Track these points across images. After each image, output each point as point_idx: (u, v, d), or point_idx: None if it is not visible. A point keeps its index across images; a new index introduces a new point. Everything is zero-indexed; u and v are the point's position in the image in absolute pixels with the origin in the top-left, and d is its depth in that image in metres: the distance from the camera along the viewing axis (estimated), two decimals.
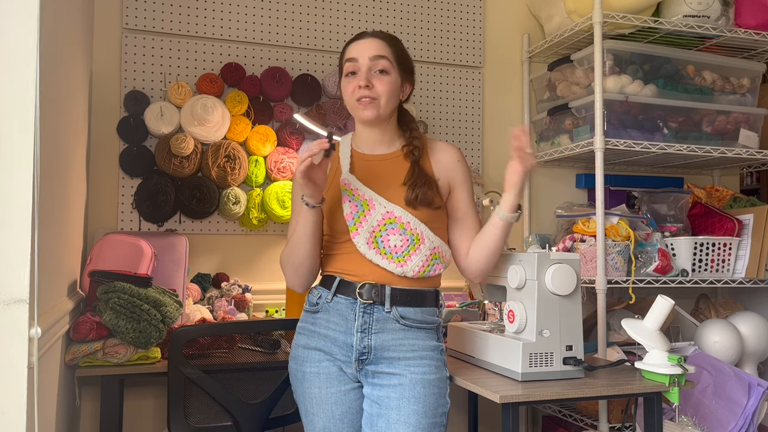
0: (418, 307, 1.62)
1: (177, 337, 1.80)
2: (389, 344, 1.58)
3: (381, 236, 1.60)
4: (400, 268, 1.60)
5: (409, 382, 1.56)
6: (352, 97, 1.63)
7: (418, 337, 1.61)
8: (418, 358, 1.59)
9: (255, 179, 2.53)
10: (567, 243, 2.56)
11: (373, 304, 1.59)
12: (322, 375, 1.62)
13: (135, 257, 2.10)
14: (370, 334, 1.58)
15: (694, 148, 2.58)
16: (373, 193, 1.63)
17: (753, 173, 4.51)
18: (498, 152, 2.95)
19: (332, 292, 1.63)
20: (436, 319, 1.66)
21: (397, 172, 1.67)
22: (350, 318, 1.60)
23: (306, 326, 1.67)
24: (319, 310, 1.65)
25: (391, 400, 1.55)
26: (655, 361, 1.73)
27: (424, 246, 1.61)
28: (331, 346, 1.61)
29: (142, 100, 2.43)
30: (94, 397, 2.29)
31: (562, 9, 2.71)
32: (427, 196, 1.62)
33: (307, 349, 1.64)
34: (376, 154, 1.71)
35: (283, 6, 2.66)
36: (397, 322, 1.59)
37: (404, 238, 1.60)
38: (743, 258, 2.66)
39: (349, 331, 1.59)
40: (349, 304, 1.60)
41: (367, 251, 1.60)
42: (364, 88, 1.61)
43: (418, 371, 1.58)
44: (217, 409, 1.87)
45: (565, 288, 1.69)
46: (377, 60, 1.63)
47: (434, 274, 1.65)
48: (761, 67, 2.82)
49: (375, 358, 1.59)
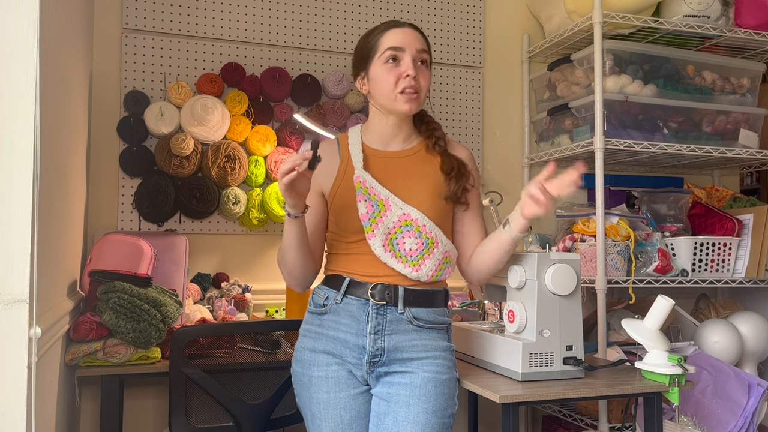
0: (430, 308, 1.59)
1: (178, 338, 1.80)
2: (403, 345, 1.55)
3: (396, 239, 1.56)
4: (415, 273, 1.56)
5: (420, 380, 1.52)
6: (396, 87, 1.56)
7: (431, 338, 1.58)
8: (431, 358, 1.56)
9: (255, 179, 2.53)
10: (567, 243, 2.56)
11: (386, 305, 1.55)
12: (331, 379, 1.56)
13: (135, 257, 2.09)
14: (383, 335, 1.54)
15: (694, 148, 2.58)
16: (390, 193, 1.57)
17: (753, 173, 4.51)
18: (498, 152, 2.95)
19: (342, 293, 1.57)
20: (446, 320, 1.64)
21: (415, 169, 1.62)
22: (362, 319, 1.55)
23: (312, 328, 1.61)
24: (327, 311, 1.59)
25: (401, 398, 1.51)
26: (655, 361, 1.73)
27: (437, 250, 1.58)
28: (341, 348, 1.56)
29: (142, 100, 2.43)
30: (94, 397, 2.29)
31: (562, 9, 2.71)
32: (467, 189, 1.62)
33: (314, 352, 1.58)
34: (390, 151, 1.65)
35: (283, 6, 2.66)
36: (410, 323, 1.56)
37: (419, 242, 1.56)
38: (743, 258, 2.66)
39: (361, 332, 1.55)
40: (360, 305, 1.56)
41: (382, 254, 1.56)
42: (413, 79, 1.55)
43: (431, 369, 1.54)
44: (218, 410, 1.87)
45: (565, 288, 1.69)
46: (422, 53, 1.59)
47: (445, 278, 1.63)
48: (761, 67, 2.82)
49: (388, 360, 1.55)
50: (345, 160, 1.63)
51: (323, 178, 1.62)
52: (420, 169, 1.63)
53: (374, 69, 1.59)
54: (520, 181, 2.96)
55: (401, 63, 1.56)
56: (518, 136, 2.99)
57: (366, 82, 1.63)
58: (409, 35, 1.58)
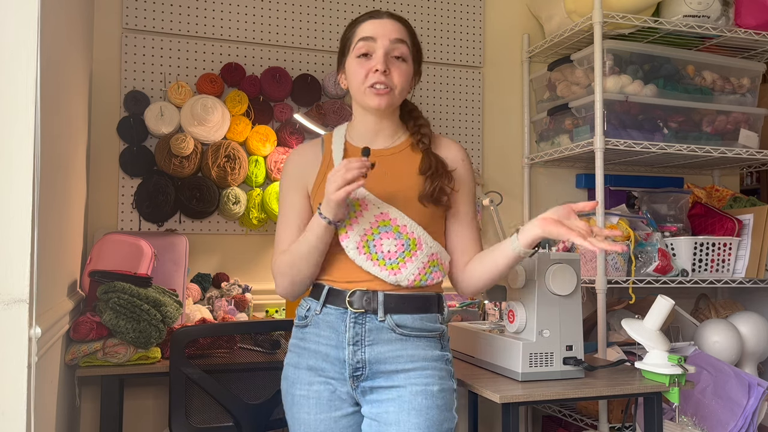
0: (417, 314, 1.45)
1: (178, 338, 1.80)
2: (385, 357, 1.42)
3: (373, 240, 1.43)
4: (393, 276, 1.43)
5: (408, 394, 1.41)
6: (365, 82, 1.46)
7: (418, 347, 1.44)
8: (419, 369, 1.43)
9: (255, 179, 2.53)
10: (567, 243, 2.56)
11: (365, 313, 1.43)
12: (312, 399, 1.45)
13: (135, 257, 2.09)
14: (363, 346, 1.42)
15: (694, 148, 2.58)
16: (366, 192, 1.45)
17: (753, 173, 4.51)
18: (498, 152, 2.95)
19: (321, 303, 1.46)
20: (438, 326, 1.48)
21: (399, 167, 1.51)
22: (341, 330, 1.44)
23: (296, 342, 1.51)
24: (308, 323, 1.48)
25: (390, 415, 1.40)
26: (655, 361, 1.73)
27: (421, 252, 1.45)
28: (323, 362, 1.45)
29: (142, 100, 2.43)
30: (94, 397, 2.29)
31: (562, 9, 2.71)
32: (444, 190, 1.48)
33: (297, 369, 1.48)
34: (375, 149, 1.52)
35: (283, 6, 2.66)
36: (393, 331, 1.43)
37: (399, 243, 1.44)
38: (743, 258, 2.66)
39: (340, 344, 1.43)
40: (339, 315, 1.44)
41: (356, 256, 1.43)
42: (382, 74, 1.45)
43: (419, 382, 1.42)
44: (218, 410, 1.87)
45: (565, 288, 1.69)
46: (397, 44, 1.47)
47: (432, 284, 1.49)
48: (761, 67, 2.82)
49: (371, 373, 1.43)
50: (326, 159, 1.55)
51: (306, 178, 1.55)
52: (405, 167, 1.52)
53: (349, 63, 1.51)
54: (520, 181, 2.96)
55: (372, 57, 1.47)
56: (518, 136, 2.99)
57: (344, 77, 1.56)
58: (385, 25, 1.48)
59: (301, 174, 1.55)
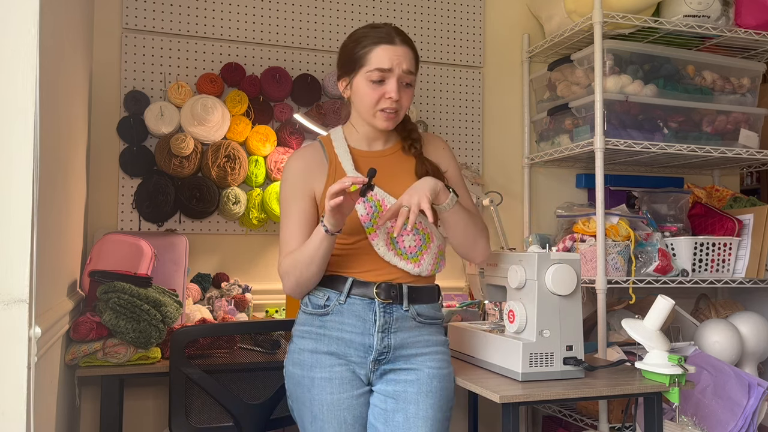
0: (430, 304, 1.65)
1: (178, 338, 1.80)
2: (408, 342, 1.60)
3: (396, 237, 1.59)
4: (417, 269, 1.61)
5: (426, 377, 1.58)
6: (376, 106, 1.59)
7: (431, 333, 1.64)
8: (432, 353, 1.62)
9: (255, 179, 2.52)
10: (567, 243, 2.56)
11: (391, 304, 1.59)
12: (335, 380, 1.57)
13: (135, 257, 2.09)
14: (389, 333, 1.58)
15: (694, 148, 2.58)
16: (385, 194, 1.61)
17: (753, 173, 4.51)
18: (498, 152, 2.95)
19: (346, 293, 1.59)
20: (441, 314, 1.70)
21: (400, 167, 1.66)
22: (368, 318, 1.58)
23: (312, 330, 1.61)
24: (330, 312, 1.60)
25: (409, 395, 1.57)
26: (655, 361, 1.73)
27: (433, 244, 1.64)
28: (345, 348, 1.58)
29: (142, 100, 2.43)
30: (94, 397, 2.29)
31: (562, 9, 2.71)
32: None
33: (316, 353, 1.59)
34: (374, 151, 1.68)
35: (283, 6, 2.66)
36: (414, 319, 1.61)
37: (417, 238, 1.61)
38: (743, 258, 2.66)
39: (367, 331, 1.58)
40: (365, 305, 1.58)
41: (386, 253, 1.59)
42: (395, 102, 1.58)
43: (433, 365, 1.60)
44: (218, 410, 1.87)
45: (565, 288, 1.69)
46: (408, 75, 1.60)
47: (440, 271, 1.68)
48: (761, 67, 2.82)
49: (393, 357, 1.59)
50: (333, 162, 1.65)
51: (313, 183, 1.63)
52: (403, 166, 1.67)
53: (359, 81, 1.60)
54: (520, 181, 2.96)
55: (386, 83, 1.57)
56: (518, 136, 2.99)
57: (349, 88, 1.64)
58: (399, 54, 1.58)
59: (306, 180, 1.64)
